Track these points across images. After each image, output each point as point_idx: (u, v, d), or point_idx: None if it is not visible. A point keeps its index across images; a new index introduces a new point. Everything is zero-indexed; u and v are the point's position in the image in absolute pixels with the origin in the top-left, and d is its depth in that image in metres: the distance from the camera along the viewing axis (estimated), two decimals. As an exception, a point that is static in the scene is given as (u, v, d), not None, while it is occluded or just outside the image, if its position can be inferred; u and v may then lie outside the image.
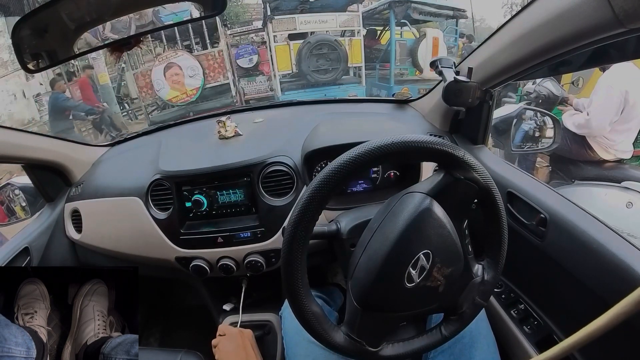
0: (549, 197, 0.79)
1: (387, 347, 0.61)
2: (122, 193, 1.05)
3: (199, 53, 6.90)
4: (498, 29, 0.81)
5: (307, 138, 1.03)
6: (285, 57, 6.54)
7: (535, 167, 3.07)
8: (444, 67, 0.92)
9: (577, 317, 0.57)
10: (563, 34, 0.61)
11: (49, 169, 1.17)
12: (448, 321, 0.64)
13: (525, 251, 0.82)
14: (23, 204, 1.35)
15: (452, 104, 0.91)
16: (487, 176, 0.57)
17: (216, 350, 0.87)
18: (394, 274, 0.55)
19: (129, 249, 1.07)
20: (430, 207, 0.56)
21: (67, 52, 0.74)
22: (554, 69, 0.83)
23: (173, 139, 1.22)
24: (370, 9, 7.51)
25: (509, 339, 0.84)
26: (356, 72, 7.01)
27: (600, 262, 0.63)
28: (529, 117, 2.07)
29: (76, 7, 0.69)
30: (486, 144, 1.07)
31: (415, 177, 0.98)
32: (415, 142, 0.52)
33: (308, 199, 0.51)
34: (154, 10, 5.37)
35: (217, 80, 6.87)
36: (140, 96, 7.05)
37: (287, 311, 0.89)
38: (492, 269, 0.63)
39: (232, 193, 0.99)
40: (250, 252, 0.99)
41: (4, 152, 0.97)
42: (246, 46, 7.47)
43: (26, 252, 1.06)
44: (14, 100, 7.25)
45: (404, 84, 6.47)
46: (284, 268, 0.54)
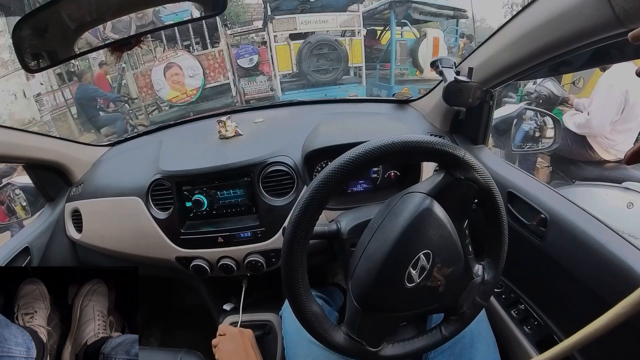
0: (549, 198, 0.79)
1: (387, 347, 0.61)
2: (122, 193, 1.05)
3: (199, 53, 6.87)
4: (498, 29, 0.81)
5: (308, 138, 1.03)
6: (286, 57, 6.53)
7: (536, 167, 3.07)
8: (444, 67, 0.92)
9: (578, 318, 0.57)
10: (563, 34, 0.61)
11: (50, 169, 1.17)
12: (448, 321, 0.64)
13: (526, 251, 0.82)
14: (24, 204, 1.36)
15: (453, 104, 0.91)
16: (488, 176, 0.57)
17: (216, 350, 0.87)
18: (394, 274, 0.55)
19: (129, 249, 1.07)
20: (430, 207, 0.56)
21: (67, 51, 0.74)
22: (554, 69, 0.83)
23: (173, 139, 1.22)
24: (371, 9, 7.50)
25: (509, 339, 0.84)
26: (356, 72, 7.00)
27: (601, 263, 0.63)
28: (529, 117, 2.07)
29: (77, 7, 0.69)
30: (486, 144, 1.07)
31: (415, 177, 0.98)
32: (416, 142, 0.52)
33: (308, 199, 0.51)
34: (155, 10, 5.38)
35: (217, 80, 6.84)
36: (140, 96, 7.03)
37: (288, 311, 0.89)
38: (492, 269, 0.63)
39: (233, 193, 0.99)
40: (251, 252, 0.99)
41: (5, 152, 0.97)
42: (246, 46, 7.45)
43: (27, 252, 1.06)
44: (15, 100, 7.26)
45: (405, 84, 6.46)
46: (284, 268, 0.54)
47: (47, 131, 5.29)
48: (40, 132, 1.33)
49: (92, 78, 6.90)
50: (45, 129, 7.07)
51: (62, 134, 7.14)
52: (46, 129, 7.06)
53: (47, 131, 5.29)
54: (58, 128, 7.45)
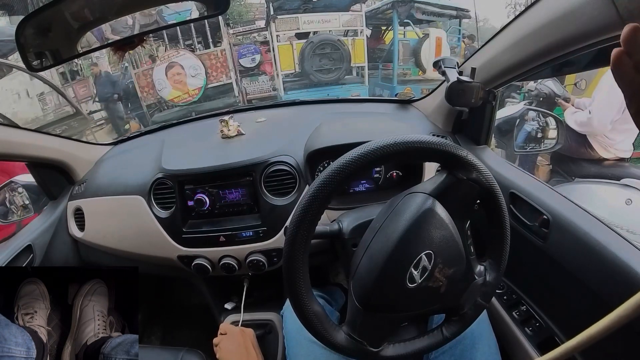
0: (551, 199, 0.79)
1: (388, 348, 0.61)
2: (124, 191, 1.06)
3: (202, 52, 6.87)
4: (501, 29, 0.81)
5: (310, 138, 1.03)
6: (288, 57, 6.54)
7: (536, 165, 3.07)
8: (447, 67, 0.92)
9: (579, 320, 0.57)
10: (567, 34, 0.61)
11: (52, 167, 1.18)
12: (449, 322, 0.64)
13: (528, 252, 0.82)
14: (26, 202, 1.36)
15: (455, 104, 0.91)
16: (490, 177, 0.57)
17: (217, 349, 0.87)
18: (396, 274, 0.55)
19: (131, 247, 1.08)
20: (432, 208, 0.55)
21: (70, 51, 0.74)
22: (557, 69, 0.83)
23: (176, 138, 1.22)
24: (374, 9, 7.51)
25: (511, 340, 0.84)
26: (359, 72, 7.00)
27: (603, 264, 0.63)
28: (532, 118, 2.06)
29: (80, 6, 0.70)
30: (489, 144, 1.07)
31: (417, 177, 0.98)
32: (418, 142, 0.52)
33: (310, 199, 0.51)
34: (158, 10, 5.39)
35: (219, 80, 6.84)
36: (141, 96, 7.04)
37: (289, 311, 0.89)
38: (494, 270, 0.63)
39: (235, 192, 0.99)
40: (252, 251, 0.99)
41: (8, 151, 0.97)
42: (249, 45, 7.46)
43: (29, 250, 1.06)
44: (18, 99, 7.28)
45: (407, 84, 6.46)
46: (285, 267, 0.54)
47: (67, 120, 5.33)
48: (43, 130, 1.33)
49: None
50: (47, 129, 7.09)
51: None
52: (49, 128, 7.08)
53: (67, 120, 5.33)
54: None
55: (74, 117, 5.01)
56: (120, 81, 7.22)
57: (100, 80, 7.11)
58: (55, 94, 6.22)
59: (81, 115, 5.11)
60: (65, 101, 6.49)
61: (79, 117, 5.03)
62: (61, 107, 6.39)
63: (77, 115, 5.02)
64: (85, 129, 5.34)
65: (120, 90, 7.11)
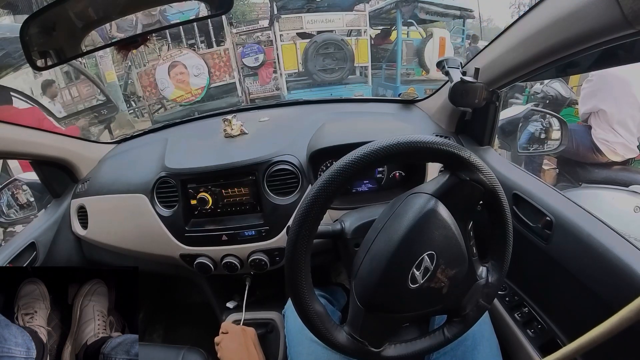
0: (555, 200, 0.78)
1: (389, 348, 0.61)
2: (127, 190, 1.06)
3: (205, 51, 6.85)
4: (505, 29, 0.80)
5: (313, 137, 1.03)
6: (292, 56, 6.53)
7: (542, 169, 3.04)
8: (450, 67, 0.92)
9: (582, 322, 0.57)
10: (571, 34, 0.61)
11: (56, 165, 1.19)
12: (451, 323, 0.64)
13: (531, 254, 0.82)
14: (30, 199, 1.37)
15: (459, 105, 0.91)
16: (493, 178, 0.57)
17: (219, 348, 0.87)
18: (398, 275, 0.55)
19: (133, 246, 1.08)
20: (435, 208, 0.55)
21: (74, 50, 0.75)
22: (561, 70, 0.83)
23: (179, 137, 1.23)
24: (377, 9, 7.48)
25: (512, 342, 0.83)
26: (362, 72, 6.97)
27: (606, 267, 0.63)
28: (535, 119, 2.05)
29: (84, 6, 0.70)
30: (492, 145, 1.07)
31: (420, 177, 0.98)
32: (421, 142, 0.52)
33: (313, 198, 0.51)
34: (161, 9, 5.40)
35: (222, 79, 6.82)
36: (144, 95, 7.04)
37: (290, 310, 0.89)
38: (496, 271, 0.63)
39: (237, 191, 0.99)
40: (255, 250, 0.99)
41: (12, 149, 0.98)
42: (252, 45, 7.46)
43: (32, 247, 1.07)
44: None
45: (411, 84, 6.45)
46: (287, 267, 0.54)
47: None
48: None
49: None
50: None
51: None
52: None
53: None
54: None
55: (104, 105, 5.24)
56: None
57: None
58: (59, 93, 6.26)
59: (111, 104, 5.29)
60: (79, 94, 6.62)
61: (110, 104, 5.24)
62: (66, 106, 6.43)
63: (108, 103, 5.24)
64: (113, 116, 5.46)
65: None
